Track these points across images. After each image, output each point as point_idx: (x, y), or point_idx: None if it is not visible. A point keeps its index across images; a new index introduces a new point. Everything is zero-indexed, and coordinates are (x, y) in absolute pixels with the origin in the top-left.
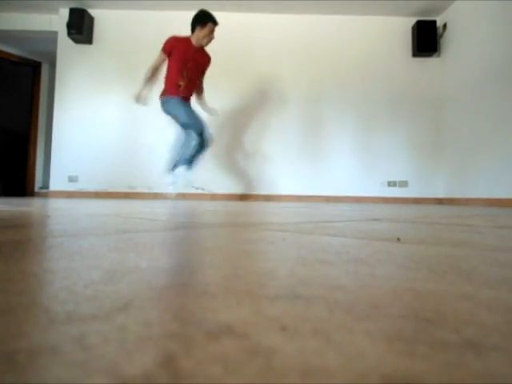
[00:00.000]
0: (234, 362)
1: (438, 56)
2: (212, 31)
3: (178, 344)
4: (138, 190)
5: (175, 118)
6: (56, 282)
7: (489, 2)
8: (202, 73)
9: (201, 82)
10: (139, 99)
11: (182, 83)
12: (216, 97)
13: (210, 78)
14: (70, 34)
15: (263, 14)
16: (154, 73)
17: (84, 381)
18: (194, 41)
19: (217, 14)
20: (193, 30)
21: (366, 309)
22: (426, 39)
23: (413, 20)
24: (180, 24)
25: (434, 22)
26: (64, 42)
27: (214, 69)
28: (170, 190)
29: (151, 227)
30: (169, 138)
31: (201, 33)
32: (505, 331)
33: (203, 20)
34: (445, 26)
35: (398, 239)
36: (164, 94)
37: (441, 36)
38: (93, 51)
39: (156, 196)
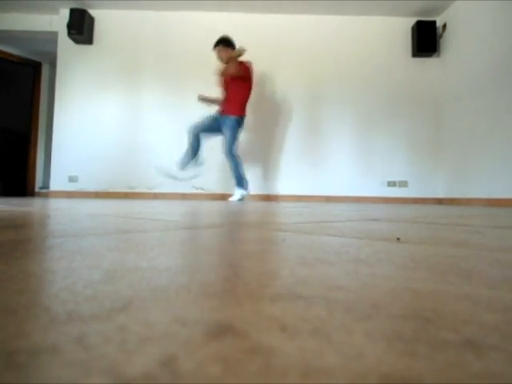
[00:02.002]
0: (234, 362)
1: (438, 56)
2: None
3: (178, 344)
4: (138, 189)
5: None
6: (56, 282)
7: (489, 2)
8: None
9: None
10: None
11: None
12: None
13: (211, 78)
14: (70, 34)
15: (263, 14)
16: None
17: (84, 381)
18: None
19: (217, 14)
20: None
21: (365, 309)
22: (425, 39)
23: (412, 20)
24: (180, 24)
25: (433, 22)
26: (64, 43)
27: (213, 69)
28: None
29: (151, 227)
30: (168, 138)
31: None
32: (505, 331)
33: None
34: (444, 26)
35: (398, 239)
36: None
37: (440, 36)
38: (93, 51)
39: (156, 196)
